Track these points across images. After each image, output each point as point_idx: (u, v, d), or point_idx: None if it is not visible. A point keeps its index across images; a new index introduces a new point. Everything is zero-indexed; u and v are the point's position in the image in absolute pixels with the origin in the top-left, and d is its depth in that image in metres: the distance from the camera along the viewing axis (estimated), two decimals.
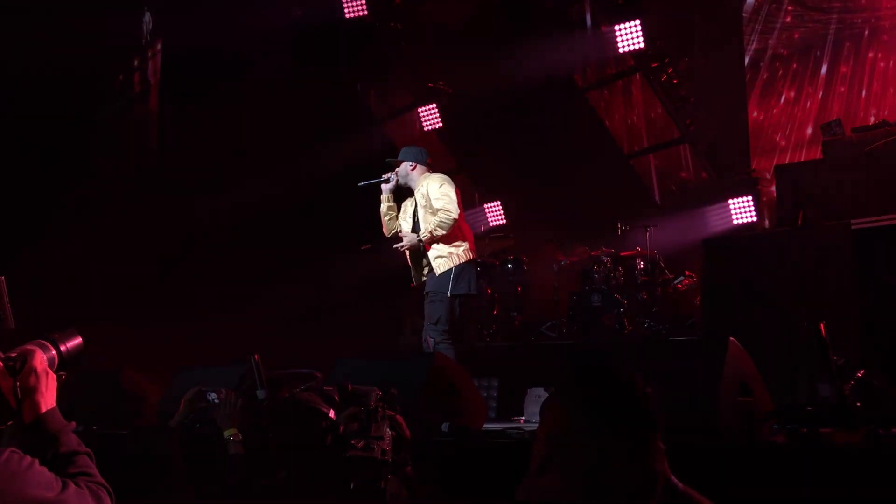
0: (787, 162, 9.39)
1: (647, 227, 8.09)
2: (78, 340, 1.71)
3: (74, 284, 7.54)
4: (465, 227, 5.71)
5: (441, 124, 10.01)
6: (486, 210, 10.24)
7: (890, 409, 3.84)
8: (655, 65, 9.31)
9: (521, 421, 5.55)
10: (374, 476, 2.25)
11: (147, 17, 9.16)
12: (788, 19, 9.88)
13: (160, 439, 3.03)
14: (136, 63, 9.27)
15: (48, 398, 1.63)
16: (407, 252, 5.74)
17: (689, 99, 9.34)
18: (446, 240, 5.54)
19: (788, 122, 9.77)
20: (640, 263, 8.19)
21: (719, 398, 3.50)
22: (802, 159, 9.27)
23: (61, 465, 1.58)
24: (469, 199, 10.97)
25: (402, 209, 5.88)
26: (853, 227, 5.39)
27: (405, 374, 4.34)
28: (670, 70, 9.30)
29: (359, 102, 10.36)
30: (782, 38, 9.90)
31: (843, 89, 9.49)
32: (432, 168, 5.84)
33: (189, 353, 6.69)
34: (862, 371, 3.90)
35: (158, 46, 9.20)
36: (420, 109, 10.08)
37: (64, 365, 1.71)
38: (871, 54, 9.29)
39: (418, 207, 5.69)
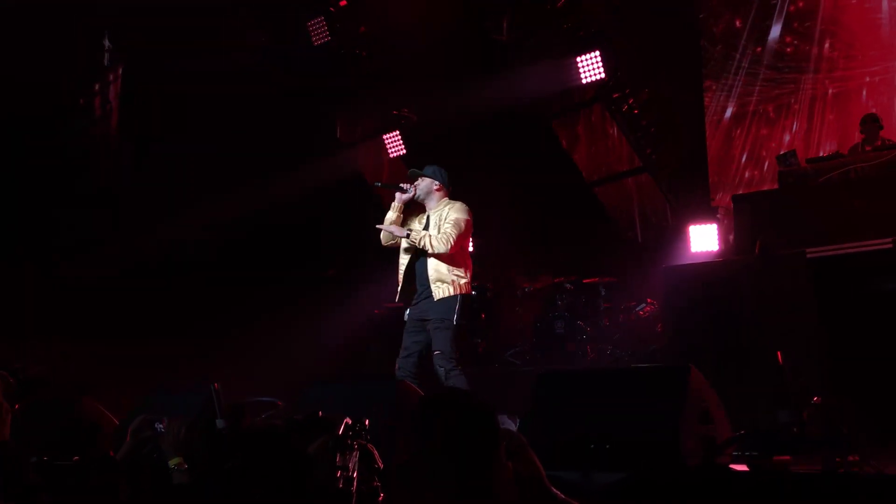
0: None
1: (610, 259, 8.21)
2: (40, 370, 1.69)
3: (39, 309, 7.41)
4: (469, 260, 5.58)
5: (405, 151, 10.07)
6: None
7: (848, 436, 3.91)
8: (617, 95, 9.48)
9: None
10: None
11: (107, 42, 9.10)
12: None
13: (105, 470, 2.96)
14: (96, 87, 9.20)
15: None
16: (402, 268, 5.59)
17: (650, 129, 9.52)
18: (451, 266, 5.40)
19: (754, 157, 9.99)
20: (602, 290, 8.28)
21: (680, 426, 3.53)
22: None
23: None
24: None
25: (407, 223, 5.69)
26: (808, 256, 5.51)
27: (371, 401, 4.32)
28: (631, 100, 9.48)
29: (325, 129, 10.39)
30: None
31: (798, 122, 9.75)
32: (453, 195, 5.70)
33: (152, 380, 6.59)
34: (819, 398, 3.97)
35: (119, 71, 9.14)
36: (385, 136, 10.15)
37: (24, 394, 1.68)
38: (830, 90, 9.55)
39: (431, 228, 5.52)
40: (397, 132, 10.11)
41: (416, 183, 5.59)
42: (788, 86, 9.67)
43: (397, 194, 5.62)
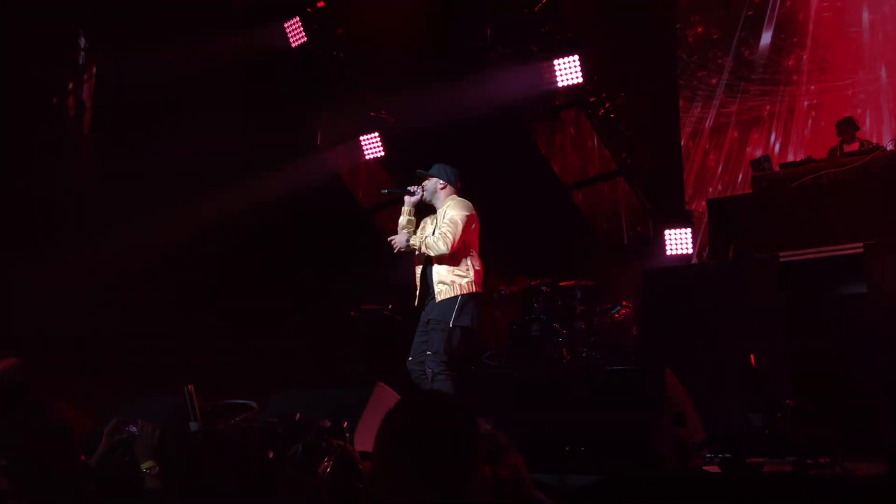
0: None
1: (586, 262, 8.25)
2: (16, 373, 1.66)
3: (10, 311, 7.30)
4: (476, 260, 5.45)
5: (383, 153, 10.05)
6: None
7: (819, 438, 3.95)
8: (593, 99, 9.54)
9: None
10: None
11: (82, 40, 8.99)
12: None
13: (76, 474, 2.92)
14: (70, 86, 9.08)
15: None
16: (418, 272, 5.51)
17: (625, 133, 9.59)
18: (451, 267, 5.31)
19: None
20: (578, 293, 8.32)
21: (654, 428, 3.56)
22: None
23: None
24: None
25: (422, 226, 5.61)
26: (781, 260, 5.57)
27: (345, 405, 4.30)
28: (608, 105, 9.54)
29: (302, 130, 10.34)
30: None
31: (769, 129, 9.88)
32: (461, 193, 5.60)
33: (125, 384, 6.51)
34: (791, 400, 4.02)
35: (94, 70, 9.04)
36: (362, 138, 10.12)
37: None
38: (806, 102, 9.67)
39: (436, 227, 5.45)
40: (376, 134, 10.08)
41: (423, 184, 5.52)
42: (764, 97, 9.80)
43: (406, 198, 5.56)
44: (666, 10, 10.16)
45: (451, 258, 5.30)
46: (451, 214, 5.34)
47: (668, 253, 8.85)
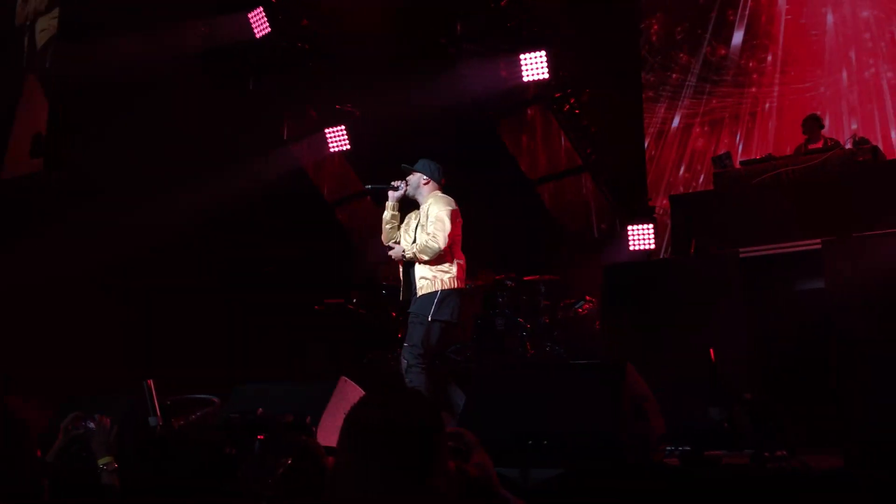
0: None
1: (550, 257, 8.29)
2: None
3: None
4: (458, 254, 5.51)
5: (349, 146, 10.00)
6: None
7: (776, 432, 4.02)
8: (559, 95, 9.58)
9: None
10: None
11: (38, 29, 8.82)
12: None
13: (31, 470, 2.86)
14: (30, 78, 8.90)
15: None
16: (401, 267, 5.60)
17: (590, 129, 9.65)
18: (433, 263, 5.37)
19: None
20: (542, 288, 8.36)
21: (616, 422, 3.59)
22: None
23: None
24: (376, 223, 10.98)
25: (406, 221, 5.69)
26: (742, 255, 5.65)
27: (308, 399, 4.27)
28: (573, 100, 9.59)
29: (268, 123, 10.24)
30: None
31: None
32: (444, 189, 5.64)
33: (83, 379, 6.41)
34: (750, 394, 4.08)
35: (49, 62, 8.86)
36: (327, 130, 10.06)
37: None
38: (768, 103, 9.82)
39: (419, 224, 5.53)
40: (342, 127, 10.02)
41: (406, 179, 5.55)
42: (728, 98, 9.94)
43: (390, 193, 5.58)
44: (629, 8, 10.25)
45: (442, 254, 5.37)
46: (435, 212, 5.38)
47: (631, 248, 8.94)
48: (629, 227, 9.02)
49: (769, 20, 9.74)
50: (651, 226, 8.96)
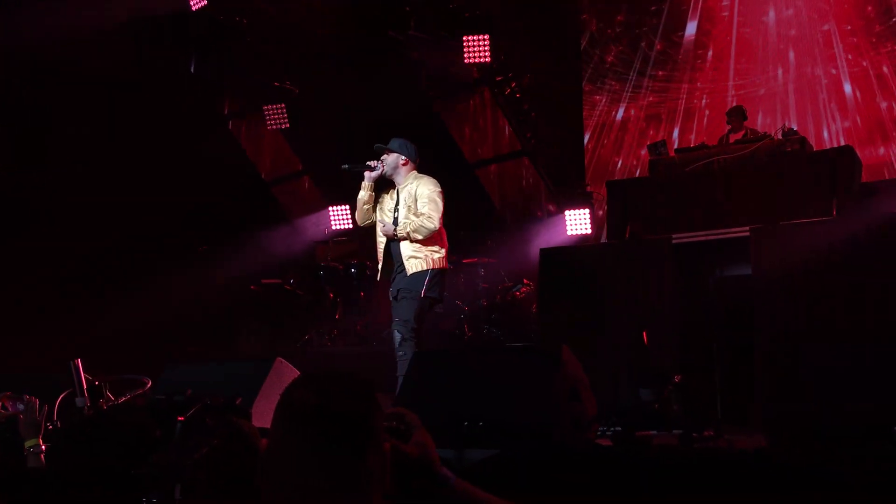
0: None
1: (488, 240, 8.33)
2: None
3: None
4: (444, 235, 5.56)
5: (288, 124, 9.85)
6: (331, 213, 10.17)
7: (703, 412, 4.14)
8: (500, 78, 9.61)
9: None
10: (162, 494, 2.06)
11: None
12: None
13: None
14: None
15: None
16: (380, 247, 5.56)
17: (530, 114, 9.71)
18: (424, 242, 5.40)
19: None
20: (481, 271, 8.41)
21: (551, 403, 3.64)
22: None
23: None
24: (315, 202, 10.87)
25: (380, 201, 5.63)
26: (674, 241, 5.78)
27: (242, 380, 4.22)
28: (514, 84, 9.64)
29: (203, 99, 10.00)
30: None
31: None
32: (420, 168, 5.62)
33: (10, 360, 6.19)
34: (679, 376, 4.19)
35: None
36: (266, 108, 9.88)
37: None
38: (706, 98, 10.03)
39: (401, 205, 5.49)
40: (282, 104, 9.86)
41: (382, 158, 5.51)
42: (666, 93, 10.12)
43: (366, 173, 5.52)
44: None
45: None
46: (426, 192, 5.42)
47: (569, 233, 9.06)
48: (566, 212, 9.13)
49: (709, 17, 9.95)
50: (587, 210, 9.09)
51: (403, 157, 5.54)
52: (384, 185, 5.69)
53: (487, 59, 9.05)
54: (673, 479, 3.26)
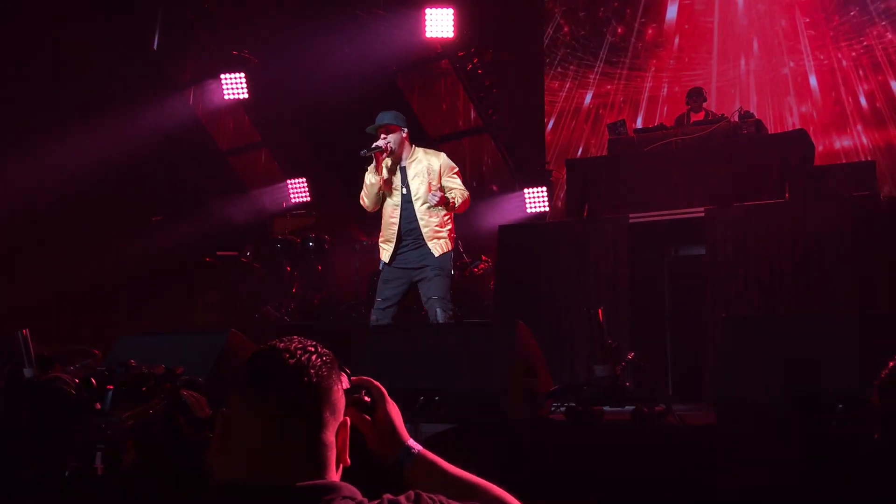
0: None
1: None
2: None
3: None
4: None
5: (247, 95, 9.68)
6: (290, 186, 10.07)
7: (654, 389, 4.22)
8: (462, 53, 9.55)
9: None
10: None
11: None
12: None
13: None
14: None
15: None
16: (394, 226, 5.26)
17: (492, 90, 9.68)
18: (444, 222, 5.26)
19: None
20: None
21: (506, 379, 3.68)
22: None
23: None
24: (273, 175, 10.74)
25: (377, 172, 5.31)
26: (630, 221, 5.84)
27: (196, 353, 4.17)
28: (476, 60, 9.59)
29: (159, 67, 9.77)
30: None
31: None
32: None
33: None
34: (632, 353, 4.26)
35: None
36: (223, 77, 9.68)
37: None
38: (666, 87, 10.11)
39: (412, 179, 5.23)
40: (242, 74, 9.66)
41: (384, 137, 5.23)
42: (631, 81, 10.18)
43: (375, 155, 5.21)
44: None
45: (443, 213, 5.27)
46: (448, 164, 5.30)
47: (529, 210, 9.10)
48: (525, 190, 9.16)
49: (672, 5, 10.02)
50: (545, 188, 9.13)
51: (405, 131, 5.32)
52: (362, 161, 5.41)
53: (451, 35, 8.98)
54: (624, 451, 3.32)
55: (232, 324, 6.92)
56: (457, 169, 5.37)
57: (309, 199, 10.02)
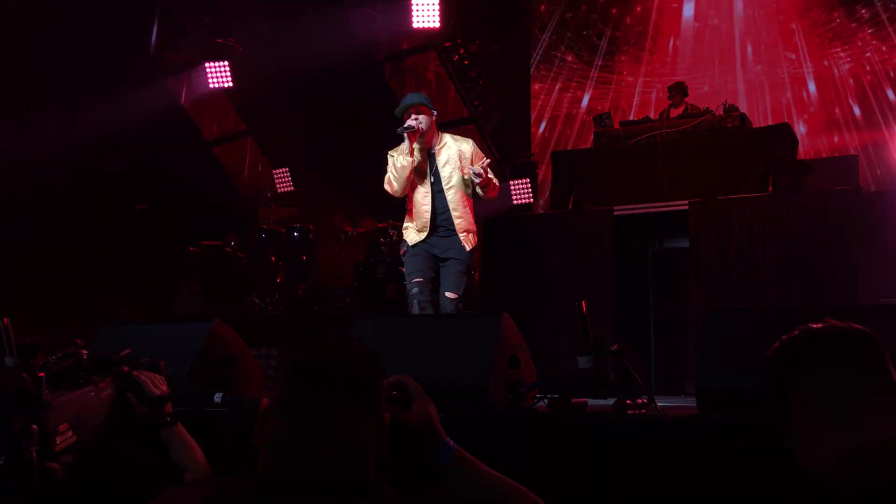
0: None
1: None
2: None
3: None
4: None
5: (231, 84, 9.63)
6: (275, 176, 10.02)
7: (637, 381, 4.23)
8: (448, 44, 9.53)
9: None
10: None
11: None
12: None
13: None
14: None
15: None
16: (427, 213, 4.99)
17: (478, 81, 9.67)
18: (472, 216, 5.07)
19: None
20: None
21: (490, 370, 3.68)
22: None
23: None
24: (257, 164, 10.69)
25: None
26: (615, 213, 5.87)
27: (178, 343, 4.15)
28: (462, 51, 9.57)
29: (144, 54, 9.68)
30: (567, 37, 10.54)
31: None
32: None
33: None
34: (616, 345, 4.27)
35: None
36: (208, 65, 9.62)
37: None
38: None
39: (442, 165, 4.99)
40: (226, 62, 9.60)
41: (416, 118, 4.95)
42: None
43: (408, 135, 4.92)
44: None
45: (471, 206, 5.09)
46: (478, 152, 5.04)
47: (514, 202, 9.11)
48: (511, 182, 9.17)
49: (660, 12, 10.03)
50: (528, 180, 9.15)
51: (434, 113, 5.04)
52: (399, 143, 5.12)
53: (437, 24, 8.96)
54: (606, 442, 3.34)
55: (216, 313, 6.90)
56: (486, 157, 5.09)
57: (293, 188, 9.99)
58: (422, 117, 4.96)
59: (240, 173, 10.69)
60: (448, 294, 4.98)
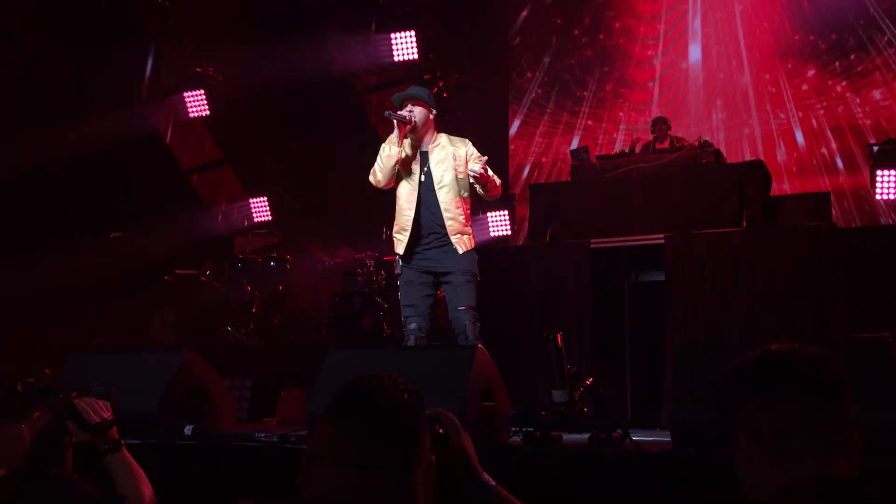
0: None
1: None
2: None
3: None
4: None
5: (208, 112, 9.63)
6: (252, 205, 9.99)
7: (612, 415, 4.23)
8: (427, 77, 9.61)
9: (274, 423, 5.46)
10: None
11: None
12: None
13: None
14: None
15: None
16: (410, 218, 4.80)
17: (457, 112, 9.75)
18: (466, 217, 4.87)
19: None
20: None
21: (465, 403, 3.66)
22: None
23: None
24: (234, 193, 10.66)
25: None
26: (592, 246, 5.90)
27: (151, 372, 4.09)
28: (441, 83, 9.65)
29: (122, 82, 9.67)
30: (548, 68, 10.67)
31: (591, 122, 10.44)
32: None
33: None
34: (591, 379, 4.27)
35: None
36: (186, 94, 9.63)
37: None
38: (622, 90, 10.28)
39: (437, 166, 4.78)
40: (202, 91, 9.62)
41: (410, 109, 4.76)
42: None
43: (399, 125, 4.70)
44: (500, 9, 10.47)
45: (465, 208, 4.88)
46: (474, 153, 4.82)
47: (492, 234, 9.13)
48: (489, 213, 9.20)
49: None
50: (506, 212, 9.19)
51: (433, 111, 4.83)
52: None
53: (415, 57, 9.04)
54: (581, 476, 3.32)
55: (190, 343, 6.82)
56: (483, 157, 4.84)
57: (270, 218, 9.96)
58: (417, 110, 4.78)
59: (217, 202, 10.64)
60: (461, 308, 4.79)
